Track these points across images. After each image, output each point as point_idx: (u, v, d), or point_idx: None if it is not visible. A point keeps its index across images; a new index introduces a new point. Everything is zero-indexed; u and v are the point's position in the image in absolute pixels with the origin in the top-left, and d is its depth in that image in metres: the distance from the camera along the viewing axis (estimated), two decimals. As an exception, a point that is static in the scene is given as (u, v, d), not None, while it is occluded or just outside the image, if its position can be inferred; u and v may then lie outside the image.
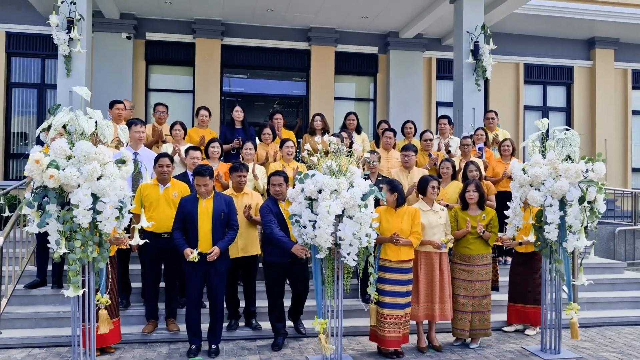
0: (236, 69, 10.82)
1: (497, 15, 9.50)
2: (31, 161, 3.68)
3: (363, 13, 9.87)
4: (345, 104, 11.09)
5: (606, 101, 11.74)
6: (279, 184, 5.08)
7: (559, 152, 4.79)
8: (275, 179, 5.13)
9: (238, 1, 9.32)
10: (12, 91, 9.86)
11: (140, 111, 10.05)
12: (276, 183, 5.11)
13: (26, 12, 9.48)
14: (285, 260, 4.95)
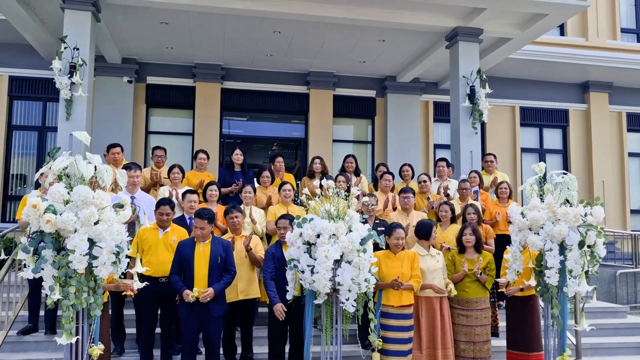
0: (236, 111, 10.95)
1: (492, 60, 9.70)
2: (28, 206, 3.67)
3: (360, 58, 10.06)
4: (344, 146, 11.17)
5: (602, 143, 11.84)
6: (284, 227, 5.08)
7: (557, 196, 4.79)
8: (281, 222, 5.16)
9: (238, 46, 9.51)
10: (13, 134, 9.94)
11: (139, 154, 10.12)
12: (281, 226, 5.12)
13: (30, 56, 9.64)
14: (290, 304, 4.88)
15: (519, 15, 8.24)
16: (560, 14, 7.85)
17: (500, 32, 8.58)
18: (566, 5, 7.62)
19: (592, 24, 11.52)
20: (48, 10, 7.83)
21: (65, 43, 7.06)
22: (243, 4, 7.59)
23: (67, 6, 7.23)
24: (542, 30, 8.45)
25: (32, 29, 8.30)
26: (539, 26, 8.22)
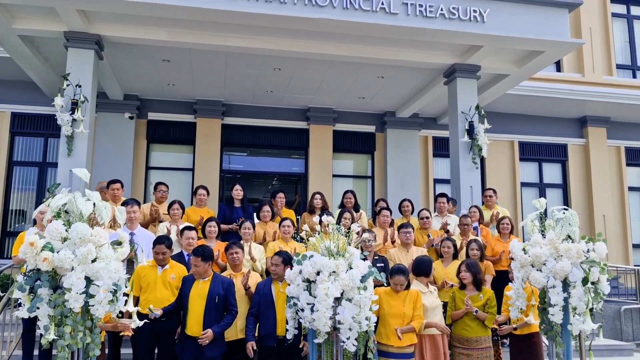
0: (236, 147, 11.00)
1: (491, 96, 9.80)
2: (26, 243, 3.64)
3: (360, 94, 10.16)
4: (344, 181, 11.19)
5: (601, 178, 11.85)
6: (276, 264, 5.02)
7: (559, 232, 4.76)
8: (275, 259, 5.11)
9: (239, 83, 9.62)
10: (14, 169, 9.96)
11: (139, 189, 10.11)
12: (274, 263, 5.06)
13: (32, 93, 9.76)
14: (271, 344, 4.80)
15: (516, 53, 8.36)
16: (556, 51, 7.96)
17: (498, 69, 8.69)
18: (562, 42, 7.74)
19: (587, 60, 11.69)
20: (52, 49, 7.95)
21: (67, 80, 7.15)
22: (244, 42, 7.71)
23: (71, 44, 7.35)
24: (538, 67, 8.56)
25: (36, 66, 8.42)
26: (536, 63, 8.33)
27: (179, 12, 6.86)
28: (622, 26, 12.48)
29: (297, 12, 6.99)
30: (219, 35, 7.64)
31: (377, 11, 7.21)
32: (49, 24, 7.27)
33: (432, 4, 7.39)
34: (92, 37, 7.38)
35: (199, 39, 7.64)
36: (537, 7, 7.76)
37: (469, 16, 7.46)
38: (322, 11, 7.06)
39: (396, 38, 7.68)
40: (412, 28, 7.29)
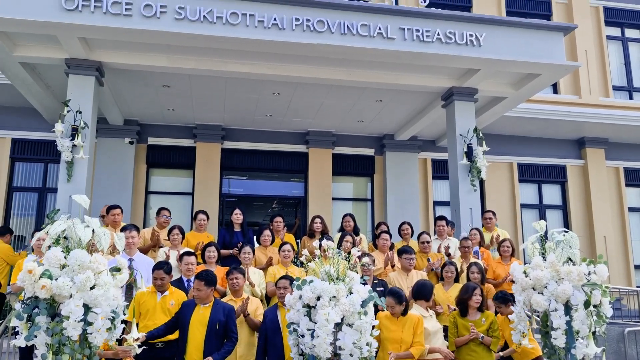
0: (236, 171, 11.03)
1: (489, 118, 9.86)
2: (24, 271, 3.63)
3: (359, 117, 10.23)
4: (343, 204, 11.18)
5: (601, 199, 11.84)
6: (284, 287, 5.02)
7: (559, 255, 4.74)
8: (281, 282, 5.12)
9: (238, 107, 9.69)
10: (13, 195, 9.96)
11: (138, 214, 10.10)
12: (281, 286, 5.07)
13: (32, 119, 9.81)
14: None
15: (513, 75, 8.44)
16: (552, 74, 8.04)
17: (495, 92, 8.77)
18: (557, 65, 7.82)
19: (584, 82, 11.79)
20: (53, 75, 8.02)
21: (68, 107, 7.20)
22: (243, 67, 7.79)
23: (72, 71, 7.42)
24: (535, 90, 8.64)
25: (37, 93, 8.49)
26: (533, 85, 8.41)
27: (179, 39, 6.96)
28: (617, 48, 12.62)
29: (295, 38, 7.08)
30: (218, 60, 7.73)
31: (374, 36, 7.30)
32: (50, 51, 7.35)
33: (428, 29, 7.48)
34: (92, 64, 7.45)
35: (199, 64, 7.72)
36: (532, 31, 7.87)
37: (465, 40, 7.55)
38: (320, 37, 7.15)
39: (394, 62, 7.77)
40: (409, 52, 7.38)
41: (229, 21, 6.94)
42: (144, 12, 6.76)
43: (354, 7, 7.36)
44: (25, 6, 6.50)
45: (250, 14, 7.01)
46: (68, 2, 6.61)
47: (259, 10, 7.05)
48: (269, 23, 7.04)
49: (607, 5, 12.58)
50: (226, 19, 6.94)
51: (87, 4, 6.66)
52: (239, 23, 6.98)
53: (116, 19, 6.71)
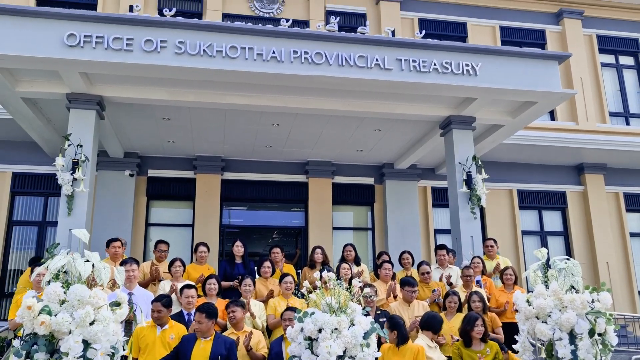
0: (236, 202, 11.03)
1: (487, 146, 9.91)
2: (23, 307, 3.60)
3: (358, 147, 10.28)
4: (344, 233, 11.15)
5: (602, 225, 11.81)
6: (290, 318, 5.02)
7: (562, 283, 4.71)
8: (287, 313, 5.15)
9: (238, 139, 9.75)
10: (13, 229, 9.94)
11: (139, 246, 10.07)
12: (287, 318, 5.09)
13: (33, 153, 9.85)
14: None
15: (510, 103, 8.52)
16: (549, 101, 8.12)
17: (493, 120, 8.83)
18: (553, 93, 7.91)
19: (580, 108, 11.91)
20: (54, 110, 8.09)
21: (69, 140, 7.24)
22: (243, 99, 7.86)
23: (73, 106, 7.48)
24: (532, 117, 8.70)
25: (38, 127, 8.55)
26: (530, 113, 8.47)
27: (179, 72, 7.05)
28: (612, 75, 12.78)
29: (294, 70, 7.17)
30: (218, 93, 7.81)
31: (372, 67, 7.40)
32: (51, 86, 7.43)
33: (425, 59, 7.59)
34: (93, 98, 7.52)
35: (198, 97, 7.80)
36: (527, 60, 7.98)
37: (461, 70, 7.65)
38: (318, 68, 7.25)
39: (392, 92, 7.85)
40: (406, 83, 7.46)
41: (229, 55, 7.04)
42: (144, 47, 6.87)
43: (351, 40, 7.48)
44: (28, 43, 6.61)
45: (249, 48, 7.12)
46: (70, 39, 6.72)
47: (258, 44, 7.16)
48: (268, 56, 7.14)
49: (600, 34, 12.79)
50: (225, 52, 7.04)
51: (89, 40, 6.77)
52: (238, 56, 7.09)
53: (117, 54, 6.81)
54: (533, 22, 12.58)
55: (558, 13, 12.62)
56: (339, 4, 11.82)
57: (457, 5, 12.29)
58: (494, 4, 12.44)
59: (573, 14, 12.60)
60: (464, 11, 12.29)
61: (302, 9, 11.60)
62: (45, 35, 6.70)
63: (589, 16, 12.74)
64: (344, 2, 11.86)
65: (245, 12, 11.36)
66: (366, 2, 11.99)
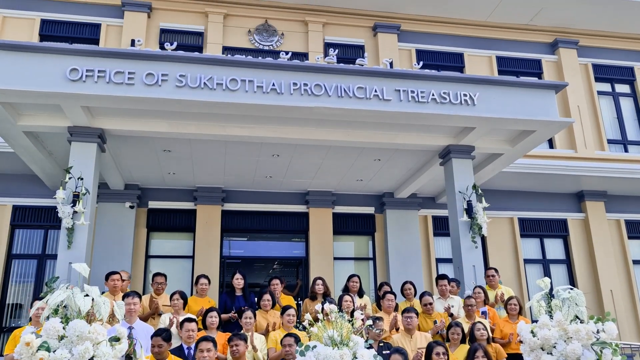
0: (236, 232, 11.00)
1: (487, 174, 9.93)
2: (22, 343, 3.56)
3: (358, 176, 10.30)
4: (345, 263, 11.09)
5: (605, 252, 11.74)
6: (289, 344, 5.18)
7: (566, 313, 4.67)
8: (287, 339, 5.27)
9: (238, 170, 9.78)
10: (12, 262, 9.88)
11: (139, 278, 9.99)
12: (286, 344, 5.22)
13: (33, 186, 9.88)
14: None
15: (508, 132, 8.57)
16: (547, 130, 8.17)
17: (492, 148, 8.87)
18: (551, 122, 7.96)
19: (579, 136, 11.98)
20: (55, 143, 8.14)
21: (70, 173, 7.25)
22: (243, 130, 7.92)
23: (74, 139, 7.52)
24: (531, 146, 8.73)
25: (39, 160, 8.58)
26: (528, 142, 8.52)
27: (180, 105, 7.11)
28: (608, 103, 12.89)
29: (293, 102, 7.24)
30: (218, 125, 7.86)
31: (370, 98, 7.48)
32: (53, 120, 7.49)
33: (423, 90, 7.67)
34: (95, 131, 7.57)
35: (199, 129, 7.85)
36: (524, 89, 8.06)
37: (459, 100, 7.73)
38: (317, 100, 7.32)
39: (391, 122, 7.92)
40: (405, 113, 7.52)
41: (229, 87, 7.13)
42: (146, 81, 6.95)
43: (350, 71, 7.58)
44: (31, 77, 6.69)
45: (249, 80, 7.21)
46: (72, 73, 6.81)
47: (258, 76, 7.25)
48: (268, 88, 7.22)
49: (596, 63, 12.95)
50: (226, 85, 7.12)
51: (91, 74, 6.86)
52: (239, 89, 7.17)
53: (119, 88, 6.89)
54: (529, 51, 12.75)
55: (553, 43, 12.80)
56: (337, 36, 12.00)
57: (454, 36, 12.47)
58: (490, 35, 12.63)
59: (568, 43, 12.79)
60: (460, 42, 12.47)
61: (301, 41, 11.78)
62: (48, 70, 6.79)
63: (584, 45, 12.91)
64: (342, 34, 12.04)
65: (245, 45, 11.53)
66: (364, 34, 12.18)
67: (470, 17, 12.49)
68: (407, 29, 12.29)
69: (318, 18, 11.88)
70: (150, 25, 11.23)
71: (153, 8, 11.26)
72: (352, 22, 12.13)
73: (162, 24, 11.30)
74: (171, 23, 11.35)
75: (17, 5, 10.80)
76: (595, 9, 12.29)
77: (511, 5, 12.10)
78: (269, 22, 11.75)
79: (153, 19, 11.28)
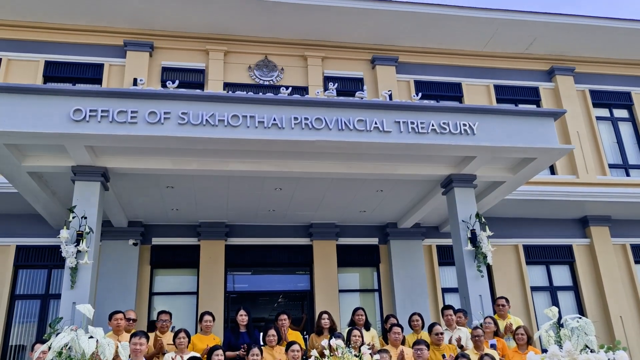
0: (240, 267, 10.95)
1: (490, 202, 9.92)
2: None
3: (360, 208, 10.31)
4: (350, 296, 11.00)
5: (612, 278, 11.63)
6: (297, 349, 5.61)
7: (575, 342, 4.62)
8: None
9: (241, 204, 9.80)
10: (15, 303, 9.82)
11: (143, 316, 9.91)
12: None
13: (37, 225, 9.87)
14: None
15: (509, 160, 8.60)
16: (547, 157, 8.20)
17: (493, 176, 8.88)
18: (552, 149, 8.00)
19: (580, 161, 12.01)
20: (59, 182, 8.19)
21: (73, 213, 7.27)
22: (245, 165, 7.97)
23: (78, 178, 7.57)
24: (532, 173, 8.75)
25: (43, 200, 8.63)
26: (529, 169, 8.54)
27: (183, 142, 7.19)
28: (608, 128, 12.97)
29: (295, 136, 7.31)
30: (221, 160, 7.91)
31: (371, 130, 7.54)
32: (57, 160, 7.55)
33: (423, 121, 7.74)
34: (98, 170, 7.63)
35: (202, 165, 7.90)
36: (523, 118, 8.14)
37: (459, 130, 7.79)
38: (318, 134, 7.39)
39: (392, 154, 7.96)
40: (405, 144, 7.58)
41: (230, 123, 7.21)
42: (148, 119, 7.05)
43: (350, 104, 7.68)
44: (36, 119, 6.78)
45: (250, 116, 7.29)
46: (76, 113, 6.90)
47: (259, 112, 7.34)
48: (269, 123, 7.30)
49: (593, 89, 13.09)
50: (227, 121, 7.21)
51: (94, 114, 6.95)
52: (240, 124, 7.25)
53: (122, 127, 6.98)
54: (526, 79, 12.90)
55: (550, 70, 12.96)
56: (336, 69, 12.18)
57: (451, 66, 12.65)
58: (487, 64, 12.80)
59: (564, 70, 12.95)
60: (458, 72, 12.64)
61: (301, 75, 11.95)
62: (52, 111, 6.89)
63: (581, 72, 13.07)
64: (341, 67, 12.23)
65: (245, 80, 11.70)
66: (362, 66, 12.36)
67: (467, 48, 12.69)
68: (405, 60, 12.47)
69: (317, 52, 12.08)
70: (152, 64, 11.42)
71: (155, 47, 11.46)
72: (350, 55, 12.33)
73: (164, 63, 11.49)
74: (173, 61, 11.55)
75: (22, 48, 11.01)
76: (589, 36, 12.50)
77: (506, 35, 12.31)
78: (269, 57, 11.94)
79: (155, 58, 11.48)
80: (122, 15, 11.10)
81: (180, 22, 11.39)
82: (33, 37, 11.08)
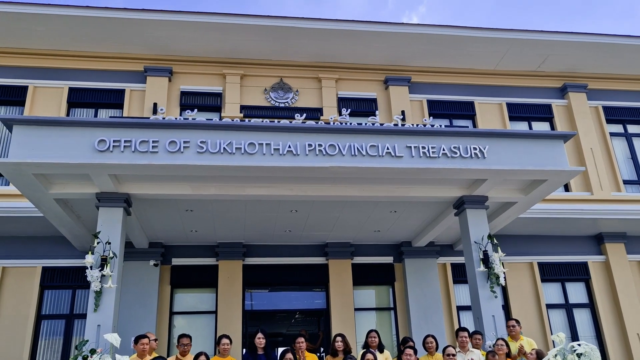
0: (257, 286, 11.18)
1: (502, 222, 10.03)
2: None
3: (375, 227, 10.48)
4: (366, 314, 11.15)
5: (628, 295, 11.60)
6: None
7: (582, 369, 4.74)
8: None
9: (258, 225, 10.05)
10: (42, 323, 10.16)
11: (164, 336, 10.17)
12: None
13: (62, 247, 10.26)
14: None
15: (520, 182, 8.71)
16: (558, 179, 8.30)
17: (505, 197, 9.00)
18: (562, 171, 8.11)
19: (594, 178, 12.03)
20: (84, 208, 8.53)
21: (98, 238, 7.57)
22: (262, 190, 8.22)
23: (102, 204, 7.89)
24: (544, 193, 8.84)
25: (68, 224, 8.97)
26: (541, 190, 8.64)
27: (202, 170, 7.47)
28: (622, 144, 12.98)
29: (309, 162, 7.55)
30: (238, 186, 8.18)
31: (383, 156, 7.75)
32: (82, 187, 7.87)
33: (434, 145, 7.92)
34: (121, 196, 7.94)
35: (220, 190, 8.17)
36: (533, 140, 8.27)
37: (470, 154, 7.95)
38: (332, 160, 7.62)
39: (404, 177, 8.14)
40: (417, 169, 7.76)
41: (247, 151, 7.47)
42: (169, 148, 7.34)
43: (363, 130, 7.89)
44: (63, 150, 7.11)
45: (266, 143, 7.55)
46: (100, 144, 7.23)
47: (274, 139, 7.59)
48: (284, 150, 7.55)
49: (606, 105, 13.13)
50: (244, 149, 7.47)
51: (118, 144, 7.27)
52: (256, 152, 7.51)
53: (144, 156, 7.28)
54: (539, 97, 13.00)
55: (562, 88, 13.05)
56: (350, 90, 12.43)
57: (464, 85, 12.81)
58: (500, 83, 12.94)
59: (577, 87, 13.02)
60: (470, 91, 12.80)
61: (316, 97, 12.22)
62: (77, 142, 7.22)
63: (593, 88, 13.13)
64: (355, 88, 12.48)
65: (261, 103, 12.01)
66: (376, 87, 12.60)
67: (479, 67, 12.85)
68: (418, 80, 12.68)
69: (331, 74, 12.35)
70: (171, 89, 11.80)
71: (174, 72, 11.84)
72: (363, 76, 12.58)
73: (183, 87, 11.86)
74: (191, 85, 11.91)
75: (47, 75, 11.47)
76: (600, 53, 12.57)
77: (518, 54, 12.45)
78: (284, 80, 12.24)
79: (174, 83, 11.85)
80: (142, 41, 11.51)
81: (198, 48, 11.77)
82: (57, 65, 11.54)
